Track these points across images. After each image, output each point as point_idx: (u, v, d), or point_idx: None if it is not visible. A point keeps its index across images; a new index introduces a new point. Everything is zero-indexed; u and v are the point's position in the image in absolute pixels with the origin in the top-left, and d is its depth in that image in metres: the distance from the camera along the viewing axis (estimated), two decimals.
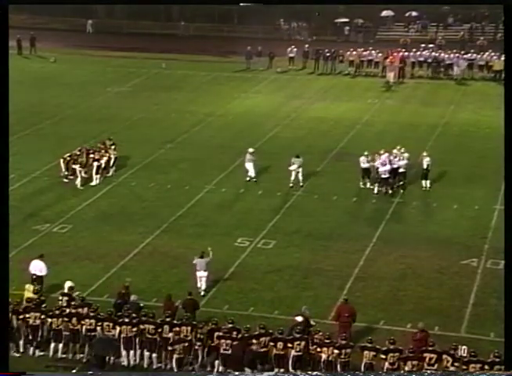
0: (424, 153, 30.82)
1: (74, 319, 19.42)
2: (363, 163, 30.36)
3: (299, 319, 19.56)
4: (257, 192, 30.57)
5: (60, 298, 20.58)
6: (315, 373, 17.59)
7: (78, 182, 30.62)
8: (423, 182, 30.56)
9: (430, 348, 18.10)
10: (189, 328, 18.95)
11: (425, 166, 30.43)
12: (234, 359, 18.49)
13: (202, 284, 22.60)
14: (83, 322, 19.38)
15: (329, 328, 19.69)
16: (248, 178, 31.27)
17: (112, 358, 19.18)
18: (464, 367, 17.57)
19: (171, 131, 37.45)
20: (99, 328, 19.30)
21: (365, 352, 18.25)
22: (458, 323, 21.17)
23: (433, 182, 31.06)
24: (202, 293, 22.40)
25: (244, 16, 59.64)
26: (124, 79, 48.71)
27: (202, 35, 59.78)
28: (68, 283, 21.15)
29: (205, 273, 22.54)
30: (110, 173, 31.79)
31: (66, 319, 19.47)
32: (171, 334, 19.00)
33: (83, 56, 54.69)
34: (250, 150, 31.53)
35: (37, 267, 22.32)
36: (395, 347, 18.18)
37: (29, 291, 21.09)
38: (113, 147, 32.13)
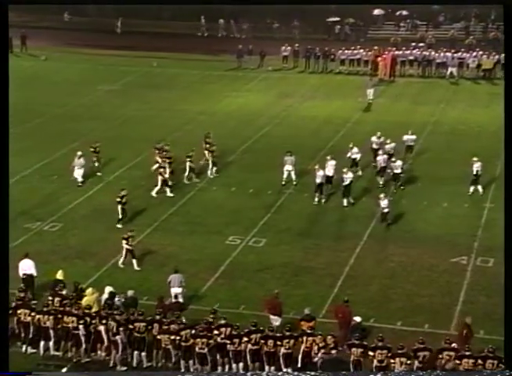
0: (474, 158, 29.88)
1: (69, 318, 19.41)
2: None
3: (358, 319, 19.67)
4: (248, 190, 30.62)
5: (51, 298, 20.39)
6: (315, 373, 17.65)
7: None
8: (474, 187, 29.76)
9: (421, 346, 18.16)
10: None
11: (475, 172, 29.63)
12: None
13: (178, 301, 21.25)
14: (66, 319, 19.37)
15: (319, 326, 19.76)
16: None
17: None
18: (458, 362, 17.67)
19: (163, 130, 37.40)
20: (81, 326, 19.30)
21: (353, 350, 18.33)
22: (448, 321, 21.27)
23: (423, 180, 31.23)
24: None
25: (235, 14, 59.55)
26: (115, 78, 48.64)
27: (193, 34, 59.67)
28: (108, 289, 20.91)
29: (179, 289, 21.51)
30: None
31: (59, 316, 19.49)
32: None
33: (74, 54, 54.57)
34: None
35: (27, 266, 22.32)
36: (384, 344, 18.26)
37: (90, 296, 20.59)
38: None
